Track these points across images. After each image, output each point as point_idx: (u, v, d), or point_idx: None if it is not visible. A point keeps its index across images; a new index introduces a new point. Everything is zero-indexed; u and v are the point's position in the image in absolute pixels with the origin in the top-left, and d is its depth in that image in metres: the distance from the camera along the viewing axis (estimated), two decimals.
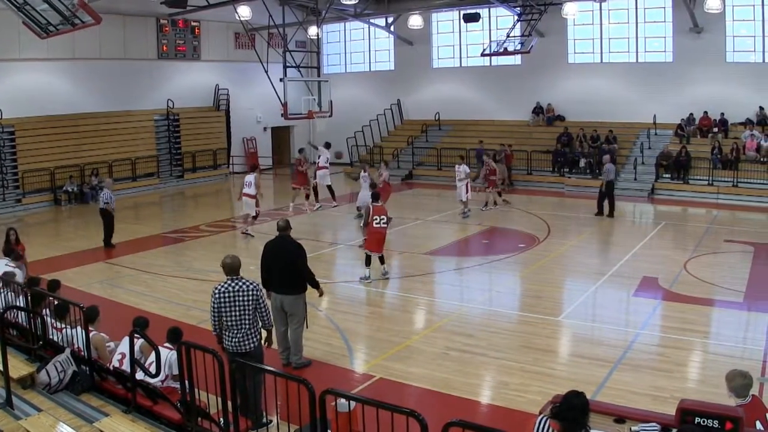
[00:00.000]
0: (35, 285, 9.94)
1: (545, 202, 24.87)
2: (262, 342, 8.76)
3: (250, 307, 8.32)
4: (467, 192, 22.57)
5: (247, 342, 8.33)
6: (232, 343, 8.31)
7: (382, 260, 15.49)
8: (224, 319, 8.27)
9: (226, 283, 8.32)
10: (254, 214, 20.57)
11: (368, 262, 15.36)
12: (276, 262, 10.34)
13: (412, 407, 5.15)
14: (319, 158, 24.66)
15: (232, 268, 8.41)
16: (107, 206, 19.02)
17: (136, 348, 7.72)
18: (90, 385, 8.07)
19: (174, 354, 7.85)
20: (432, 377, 10.13)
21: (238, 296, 8.25)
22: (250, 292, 8.32)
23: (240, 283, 8.31)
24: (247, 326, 8.33)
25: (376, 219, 15.03)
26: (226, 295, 8.23)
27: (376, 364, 10.73)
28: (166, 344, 8.25)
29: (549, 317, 12.91)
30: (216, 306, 8.29)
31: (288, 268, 10.27)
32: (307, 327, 10.67)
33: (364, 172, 22.50)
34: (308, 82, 26.64)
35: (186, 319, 12.45)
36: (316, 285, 10.60)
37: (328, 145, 24.40)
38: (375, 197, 15.74)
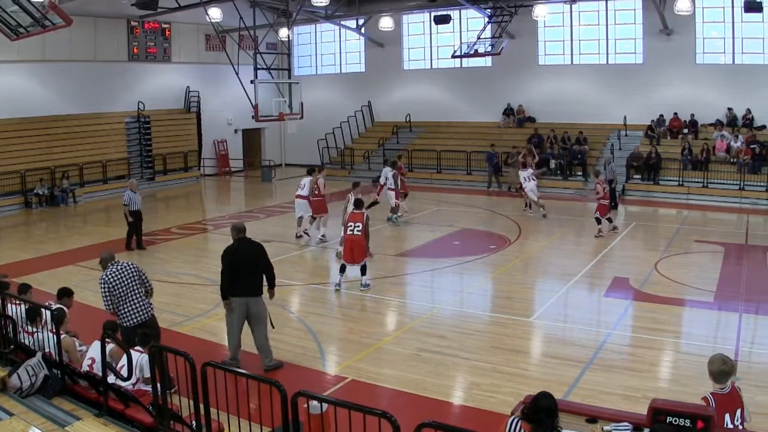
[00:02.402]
0: (5, 288, 9.83)
1: (516, 203, 24.96)
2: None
3: (138, 281, 9.57)
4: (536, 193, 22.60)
5: (145, 311, 9.59)
6: (132, 316, 9.43)
7: (363, 271, 14.75)
8: (120, 297, 9.38)
9: (109, 269, 9.47)
10: (307, 215, 19.87)
11: (342, 269, 14.87)
12: (242, 265, 10.25)
13: (384, 409, 5.18)
14: (381, 177, 23.28)
15: (109, 258, 9.63)
16: (125, 208, 18.74)
17: (107, 352, 7.67)
18: (62, 389, 8.01)
19: (145, 357, 7.84)
20: (404, 378, 10.13)
21: (125, 275, 9.46)
22: (132, 267, 9.65)
23: (121, 264, 9.58)
24: (142, 297, 9.61)
25: (350, 226, 14.58)
26: (115, 277, 9.38)
27: (348, 366, 10.71)
28: (137, 347, 8.20)
29: (520, 318, 12.95)
30: (107, 290, 9.36)
31: (255, 269, 10.29)
32: (273, 327, 10.59)
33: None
34: (279, 84, 26.52)
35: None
36: (273, 282, 10.58)
37: (388, 162, 22.96)
38: (357, 204, 15.22)
